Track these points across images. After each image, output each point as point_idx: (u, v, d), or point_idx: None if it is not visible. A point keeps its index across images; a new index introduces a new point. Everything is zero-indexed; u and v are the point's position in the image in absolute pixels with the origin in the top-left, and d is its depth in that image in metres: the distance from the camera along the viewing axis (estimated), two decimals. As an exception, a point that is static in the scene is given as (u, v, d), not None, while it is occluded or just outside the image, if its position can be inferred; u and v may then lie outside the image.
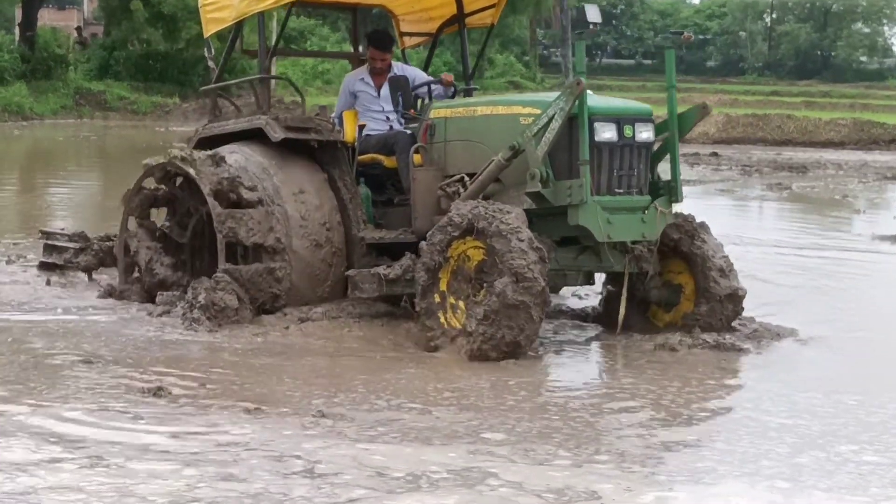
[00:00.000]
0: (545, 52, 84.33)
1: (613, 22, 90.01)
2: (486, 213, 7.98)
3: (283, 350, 8.13)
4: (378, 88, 9.97)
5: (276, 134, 9.32)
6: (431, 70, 10.93)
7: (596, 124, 8.30)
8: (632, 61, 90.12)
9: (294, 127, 9.35)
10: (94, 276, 10.59)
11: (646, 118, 8.61)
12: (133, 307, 9.38)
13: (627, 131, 8.45)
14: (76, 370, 7.40)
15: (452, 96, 9.84)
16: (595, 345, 8.69)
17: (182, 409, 6.54)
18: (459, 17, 10.45)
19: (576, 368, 8.04)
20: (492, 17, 10.43)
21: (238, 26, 10.02)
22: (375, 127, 9.80)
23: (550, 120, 8.25)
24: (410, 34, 10.95)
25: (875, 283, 11.47)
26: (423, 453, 5.80)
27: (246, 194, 9.05)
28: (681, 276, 8.91)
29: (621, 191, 8.47)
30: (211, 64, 10.45)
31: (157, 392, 6.82)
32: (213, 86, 10.33)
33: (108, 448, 5.74)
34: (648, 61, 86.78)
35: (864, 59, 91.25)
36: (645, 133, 8.56)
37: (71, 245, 10.78)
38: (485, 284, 7.97)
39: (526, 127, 8.37)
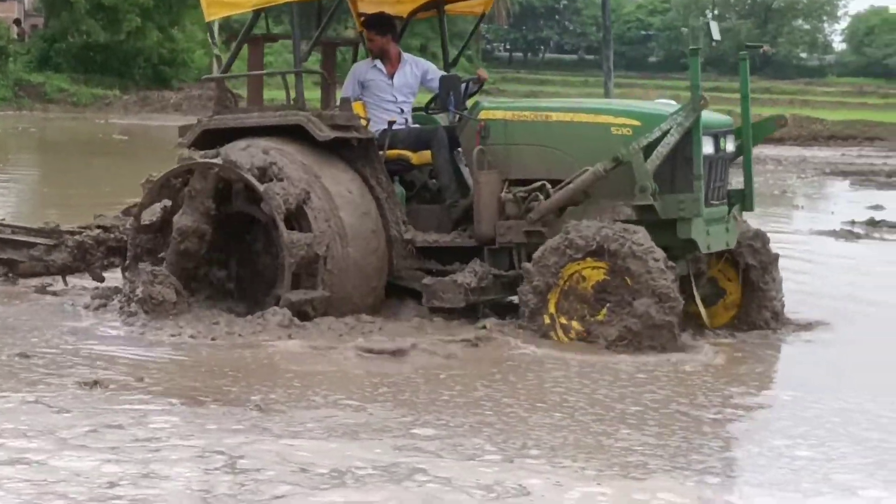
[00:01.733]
0: (489, 46, 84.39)
1: (556, 17, 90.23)
2: (614, 235, 7.98)
3: (231, 345, 7.99)
4: (391, 76, 9.62)
5: (323, 133, 8.75)
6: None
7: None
8: (574, 56, 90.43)
9: (340, 125, 8.85)
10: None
11: (732, 130, 8.76)
12: (69, 300, 9.20)
13: (722, 144, 8.58)
14: (13, 364, 7.29)
15: (469, 94, 9.58)
16: (539, 342, 8.62)
17: (114, 404, 6.41)
18: (439, 2, 10.15)
19: (514, 364, 7.95)
20: (483, 5, 10.20)
21: (256, 14, 9.29)
22: (386, 118, 9.37)
23: (665, 134, 8.25)
24: (370, 15, 10.27)
25: (813, 279, 11.49)
26: (349, 449, 5.72)
27: (310, 213, 8.47)
28: (730, 284, 9.06)
29: (716, 202, 8.60)
30: (216, 51, 9.83)
31: (94, 385, 6.72)
32: (221, 75, 9.50)
33: (28, 444, 5.61)
34: (591, 56, 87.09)
35: (804, 55, 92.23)
36: (731, 145, 8.74)
37: (38, 241, 9.71)
38: (608, 305, 8.02)
39: (623, 138, 8.37)
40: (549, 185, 8.63)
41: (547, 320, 8.17)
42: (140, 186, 9.11)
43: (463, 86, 9.39)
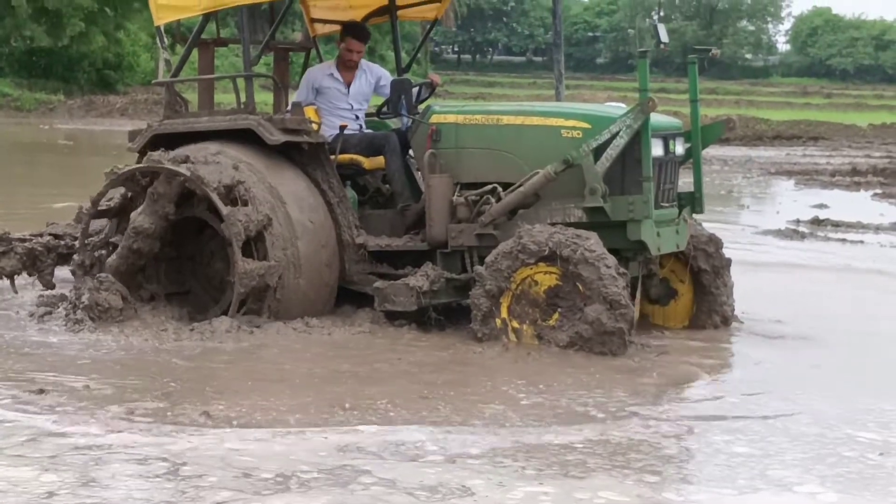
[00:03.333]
0: (437, 48, 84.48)
1: (504, 19, 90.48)
2: (567, 241, 8.01)
3: (178, 350, 7.98)
4: (348, 85, 9.66)
5: (273, 136, 8.79)
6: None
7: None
8: (522, 58, 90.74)
9: (290, 129, 8.86)
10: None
11: (681, 133, 8.83)
12: (15, 308, 9.14)
13: (672, 146, 8.64)
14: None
15: (420, 98, 9.66)
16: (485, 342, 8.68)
17: (57, 413, 6.37)
18: (391, 8, 10.20)
19: (459, 362, 7.99)
20: (436, 10, 10.24)
21: (205, 18, 9.31)
22: (339, 123, 9.38)
23: (614, 136, 8.30)
24: (324, 21, 10.47)
25: (760, 278, 11.59)
26: (294, 453, 5.72)
27: (269, 240, 8.50)
28: (682, 286, 9.16)
29: (666, 204, 8.65)
30: (166, 55, 9.78)
31: (39, 393, 6.68)
32: (170, 80, 9.46)
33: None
34: (539, 58, 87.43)
35: (749, 56, 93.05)
36: (681, 147, 8.82)
37: None
38: (559, 310, 8.07)
39: (573, 141, 8.42)
40: (500, 188, 8.69)
41: (499, 324, 8.23)
42: (103, 175, 9.05)
43: (415, 90, 9.44)
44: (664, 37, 8.76)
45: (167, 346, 8.06)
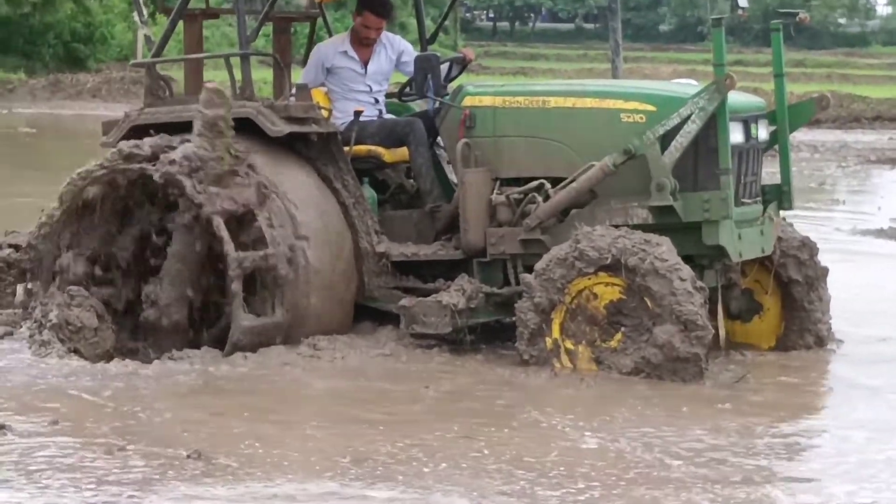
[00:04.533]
0: (468, 15, 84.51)
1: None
2: (634, 247, 8.00)
3: (158, 375, 8.04)
4: (365, 63, 9.69)
5: (276, 127, 8.81)
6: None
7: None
8: (570, 25, 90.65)
9: (296, 118, 8.87)
10: None
11: (765, 114, 8.80)
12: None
13: (753, 131, 8.63)
14: None
15: (450, 77, 9.68)
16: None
17: (21, 453, 6.43)
18: None
19: (498, 392, 8.00)
20: None
21: None
22: (353, 110, 9.45)
23: (685, 121, 8.27)
24: None
25: (858, 285, 11.49)
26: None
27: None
28: (767, 299, 9.17)
29: (748, 201, 8.63)
30: (145, 30, 9.80)
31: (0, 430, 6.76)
32: (151, 60, 9.52)
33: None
34: (590, 25, 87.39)
35: (842, 20, 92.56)
36: (764, 131, 8.80)
37: None
38: (622, 329, 8.09)
39: (635, 126, 8.42)
40: (547, 185, 8.67)
41: (549, 344, 8.24)
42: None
43: (444, 67, 9.44)
44: (744, 1, 8.73)
45: (148, 371, 8.08)
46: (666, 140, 8.36)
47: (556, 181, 8.69)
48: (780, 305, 9.17)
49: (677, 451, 6.75)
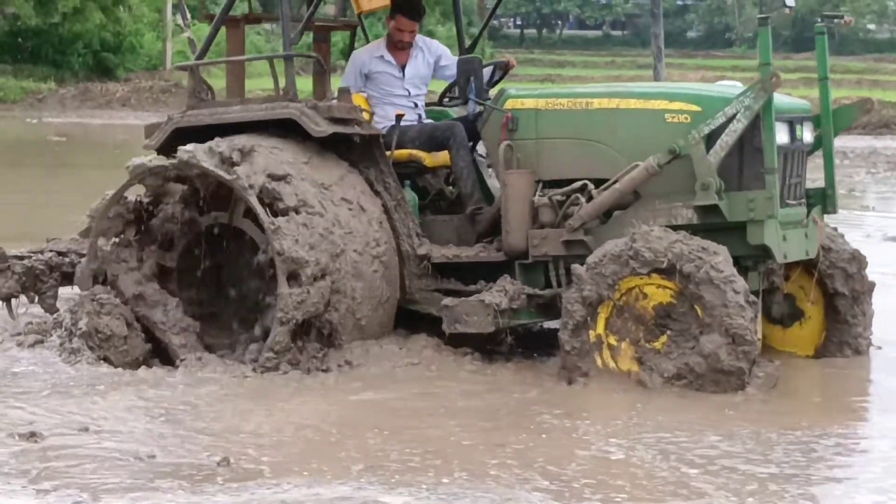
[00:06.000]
0: (496, 22, 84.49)
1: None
2: (691, 253, 7.96)
3: (192, 390, 8.02)
4: (402, 67, 9.74)
5: (319, 127, 8.80)
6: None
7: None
8: (598, 32, 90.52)
9: (339, 118, 8.87)
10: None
11: (810, 117, 8.79)
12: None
13: (798, 132, 8.60)
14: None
15: (493, 81, 9.70)
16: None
17: (51, 459, 6.44)
18: None
19: (531, 400, 8.00)
20: None
21: None
22: (393, 115, 9.46)
23: (730, 120, 8.25)
24: None
25: (889, 293, 11.41)
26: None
27: (288, 200, 8.49)
28: (810, 307, 9.13)
29: (793, 202, 8.60)
30: (188, 33, 9.82)
31: (30, 437, 6.77)
32: (195, 62, 9.52)
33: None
34: (618, 32, 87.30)
35: (872, 26, 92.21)
36: (808, 134, 8.77)
37: None
38: (668, 332, 8.06)
39: (680, 126, 8.40)
40: (591, 186, 8.66)
41: (593, 337, 8.20)
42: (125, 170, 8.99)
43: (486, 70, 9.43)
44: (791, 1, 8.68)
45: (179, 379, 8.10)
46: (711, 140, 8.33)
47: (598, 182, 8.67)
48: (823, 315, 9.12)
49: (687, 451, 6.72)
